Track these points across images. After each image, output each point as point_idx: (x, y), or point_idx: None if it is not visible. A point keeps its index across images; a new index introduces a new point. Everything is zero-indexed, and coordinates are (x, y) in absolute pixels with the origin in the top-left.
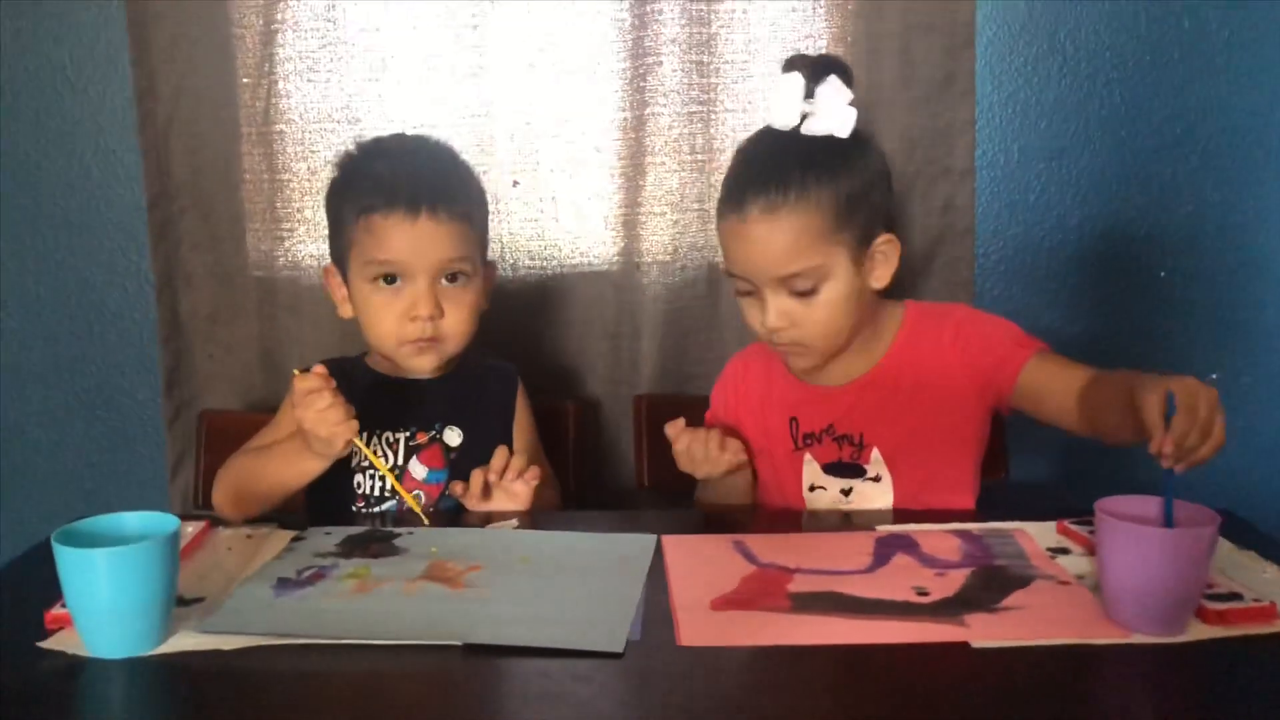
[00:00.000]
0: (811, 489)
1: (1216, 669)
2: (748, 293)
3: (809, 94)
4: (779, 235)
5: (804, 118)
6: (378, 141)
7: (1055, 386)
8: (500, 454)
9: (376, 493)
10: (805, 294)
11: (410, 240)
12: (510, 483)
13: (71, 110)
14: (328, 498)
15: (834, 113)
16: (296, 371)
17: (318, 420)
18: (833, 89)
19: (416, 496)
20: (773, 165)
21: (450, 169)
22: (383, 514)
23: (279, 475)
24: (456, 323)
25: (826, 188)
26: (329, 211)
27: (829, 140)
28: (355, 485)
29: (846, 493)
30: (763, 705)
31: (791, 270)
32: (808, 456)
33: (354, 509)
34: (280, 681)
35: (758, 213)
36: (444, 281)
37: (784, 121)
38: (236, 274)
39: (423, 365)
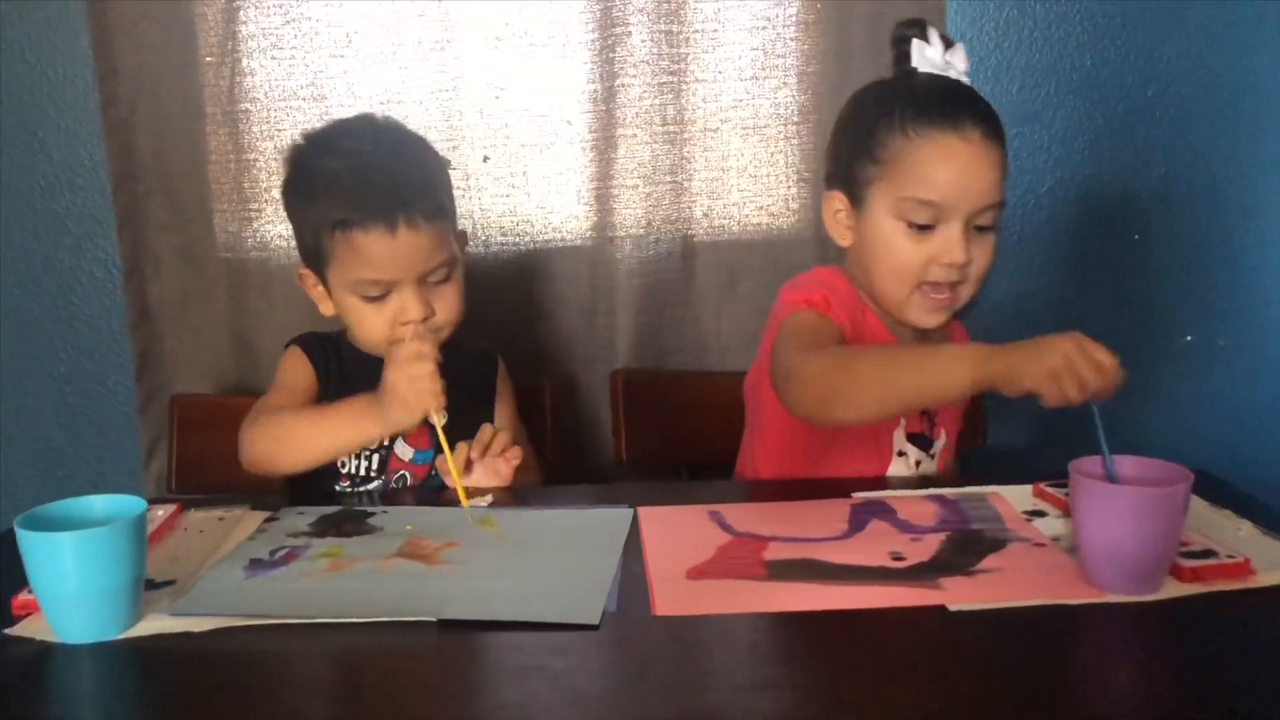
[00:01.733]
0: (900, 454)
1: (1192, 626)
2: (923, 226)
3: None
4: (995, 163)
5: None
6: (328, 136)
7: None
8: (485, 431)
9: (362, 472)
10: (985, 230)
11: (392, 254)
12: (493, 459)
13: (32, 93)
14: (309, 477)
15: (964, 79)
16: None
17: (410, 384)
18: (962, 57)
19: (402, 477)
20: (975, 97)
21: (414, 160)
22: (369, 493)
23: (336, 436)
24: (448, 314)
25: (1004, 136)
26: (291, 215)
27: None
28: (340, 465)
29: (918, 464)
30: (739, 672)
31: (995, 200)
32: (902, 420)
33: (337, 489)
34: (253, 662)
35: (980, 136)
36: (429, 281)
37: (932, 70)
38: (205, 256)
39: None
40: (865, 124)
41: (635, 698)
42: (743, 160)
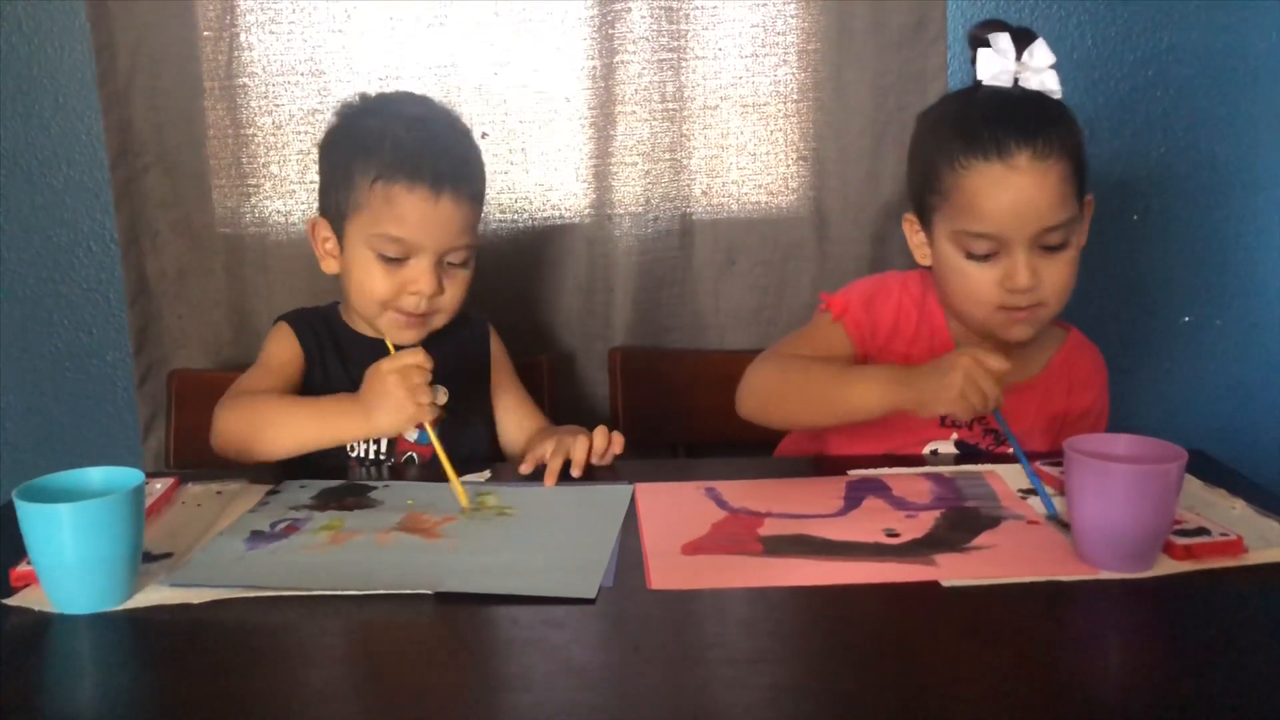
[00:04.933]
0: (933, 452)
1: (1184, 603)
2: (985, 255)
3: (1018, 56)
4: (1049, 183)
5: (1014, 79)
6: (389, 101)
7: None
8: (600, 435)
9: (371, 455)
10: (1055, 249)
11: (428, 219)
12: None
13: (29, 67)
14: (318, 458)
15: (1045, 74)
16: (392, 345)
17: (410, 394)
18: (1043, 51)
19: (409, 458)
20: (1028, 114)
21: (467, 143)
22: (379, 465)
23: (310, 431)
24: (451, 300)
25: (1073, 138)
26: (329, 163)
27: (1050, 97)
28: (349, 449)
29: None
30: (733, 646)
31: (1055, 221)
32: (953, 435)
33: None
34: (251, 634)
35: (1027, 160)
36: (447, 261)
37: (999, 80)
38: (203, 232)
39: (405, 339)
40: (925, 151)
41: (630, 670)
42: (742, 138)
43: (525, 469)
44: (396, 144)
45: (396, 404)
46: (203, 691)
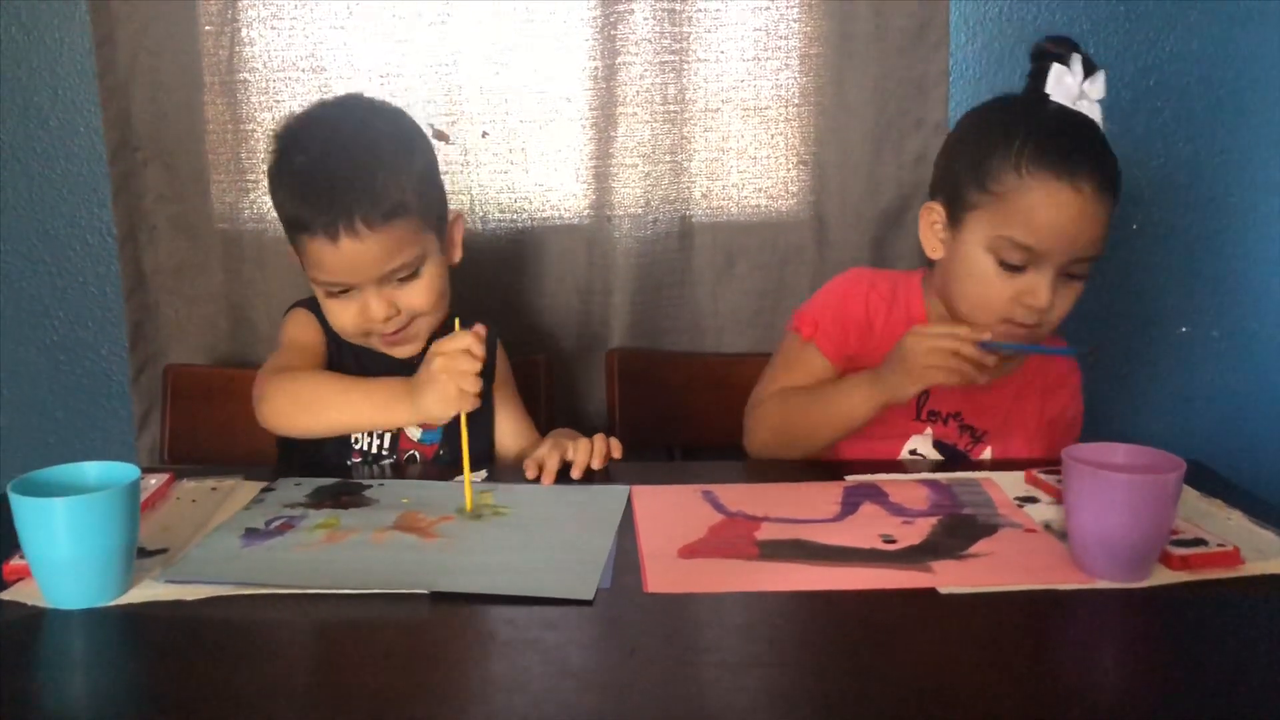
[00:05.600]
0: (912, 453)
1: (1180, 613)
2: (1015, 266)
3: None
4: (1102, 218)
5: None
6: (294, 132)
7: None
8: (600, 440)
9: (374, 450)
10: (1074, 278)
11: (341, 262)
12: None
13: (28, 59)
14: (308, 448)
15: (1095, 107)
16: (458, 321)
17: (455, 380)
18: (1100, 84)
19: (411, 455)
20: (1098, 145)
21: (370, 159)
22: (381, 466)
23: (364, 413)
24: (419, 303)
25: (1120, 180)
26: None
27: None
28: (353, 441)
29: None
30: (729, 650)
31: (1092, 252)
32: (928, 430)
33: (349, 464)
34: (245, 631)
35: (1093, 189)
36: (397, 279)
37: (1067, 99)
38: (201, 226)
39: (400, 354)
40: (982, 147)
41: (626, 673)
42: (742, 141)
43: (530, 473)
44: (292, 191)
45: (440, 389)
46: (196, 688)
